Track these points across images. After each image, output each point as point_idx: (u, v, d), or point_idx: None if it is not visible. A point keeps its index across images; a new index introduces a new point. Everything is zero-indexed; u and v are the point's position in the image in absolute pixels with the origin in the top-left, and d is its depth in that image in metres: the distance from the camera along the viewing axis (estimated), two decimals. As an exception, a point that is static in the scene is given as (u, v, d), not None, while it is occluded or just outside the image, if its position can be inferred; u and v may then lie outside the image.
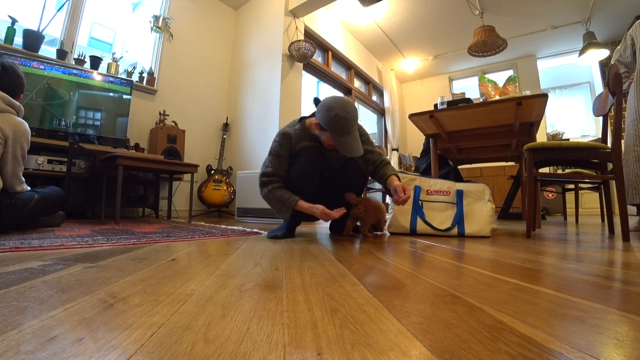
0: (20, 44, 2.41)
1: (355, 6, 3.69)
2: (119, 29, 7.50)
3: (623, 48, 2.02)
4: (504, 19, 4.05)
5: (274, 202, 1.43)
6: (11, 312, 0.41)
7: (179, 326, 0.38)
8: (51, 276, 0.62)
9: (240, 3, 3.95)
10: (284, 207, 1.40)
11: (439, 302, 0.49)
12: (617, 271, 0.75)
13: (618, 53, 2.06)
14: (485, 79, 2.45)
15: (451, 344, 0.34)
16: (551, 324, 0.40)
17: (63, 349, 0.31)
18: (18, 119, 1.46)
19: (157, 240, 1.22)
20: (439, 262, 0.85)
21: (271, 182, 1.45)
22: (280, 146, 1.45)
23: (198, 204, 3.34)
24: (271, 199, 1.44)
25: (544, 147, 1.52)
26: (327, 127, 1.33)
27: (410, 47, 4.90)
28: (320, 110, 1.35)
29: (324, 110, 1.32)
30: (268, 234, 1.45)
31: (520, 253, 1.01)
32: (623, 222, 1.40)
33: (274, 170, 1.45)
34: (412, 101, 6.03)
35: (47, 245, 1.00)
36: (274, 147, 1.47)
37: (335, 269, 0.74)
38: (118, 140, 2.65)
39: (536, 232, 1.79)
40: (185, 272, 0.68)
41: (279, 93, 3.22)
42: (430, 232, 1.58)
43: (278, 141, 1.46)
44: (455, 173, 2.92)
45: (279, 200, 1.41)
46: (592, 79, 5.04)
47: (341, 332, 0.37)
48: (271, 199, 1.44)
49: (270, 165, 1.46)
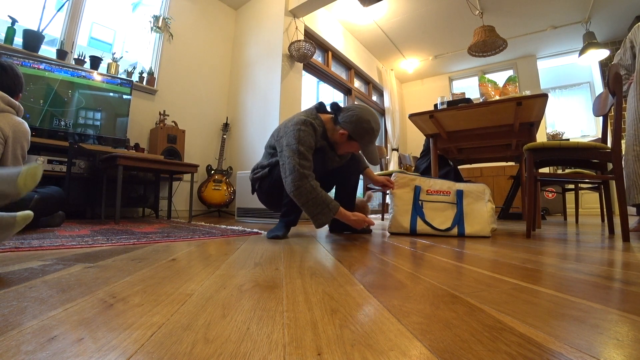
0: (20, 44, 2.41)
1: (355, 6, 3.69)
2: (119, 29, 7.51)
3: (623, 51, 2.07)
4: (504, 19, 4.05)
5: (315, 201, 1.25)
6: (11, 312, 0.41)
7: (179, 326, 0.38)
8: (51, 276, 0.62)
9: (240, 3, 3.95)
10: (327, 209, 1.26)
11: (439, 302, 0.49)
12: (617, 271, 0.75)
13: (619, 56, 2.11)
14: (485, 79, 2.45)
15: (451, 344, 0.34)
16: (551, 324, 0.40)
17: (63, 349, 0.31)
18: (18, 118, 1.46)
19: (157, 240, 1.22)
20: (439, 262, 0.85)
21: (312, 176, 1.27)
22: (310, 138, 1.33)
23: (198, 204, 3.34)
24: (314, 197, 1.24)
25: (544, 147, 1.52)
26: (358, 137, 1.36)
27: (410, 47, 4.90)
28: (351, 121, 1.36)
29: (357, 122, 1.35)
30: (268, 234, 1.44)
31: (520, 253, 1.01)
32: (623, 222, 1.40)
33: (310, 164, 1.29)
34: (412, 101, 6.03)
35: (47, 245, 1.00)
36: (303, 138, 1.30)
37: (335, 269, 0.74)
38: (118, 141, 2.65)
39: (536, 232, 1.79)
40: (185, 272, 0.68)
41: (279, 93, 3.22)
42: (430, 232, 1.58)
43: (307, 132, 1.32)
44: (455, 173, 2.92)
45: (323, 201, 1.25)
46: (592, 79, 5.04)
47: (341, 332, 0.37)
48: (314, 197, 1.24)
49: (305, 158, 1.28)
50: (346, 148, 1.44)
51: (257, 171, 1.55)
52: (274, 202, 1.57)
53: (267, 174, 1.50)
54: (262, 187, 1.54)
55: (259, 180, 1.54)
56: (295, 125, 1.33)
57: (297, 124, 1.33)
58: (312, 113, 1.43)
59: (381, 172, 3.02)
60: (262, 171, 1.52)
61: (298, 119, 1.36)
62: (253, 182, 1.59)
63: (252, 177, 1.58)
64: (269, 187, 1.50)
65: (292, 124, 1.35)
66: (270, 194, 1.52)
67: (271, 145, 1.53)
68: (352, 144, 1.41)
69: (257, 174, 1.54)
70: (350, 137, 1.38)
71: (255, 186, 1.58)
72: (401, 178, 1.70)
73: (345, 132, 1.37)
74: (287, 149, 1.31)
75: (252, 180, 1.59)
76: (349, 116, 1.37)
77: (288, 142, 1.32)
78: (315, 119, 1.40)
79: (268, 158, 1.54)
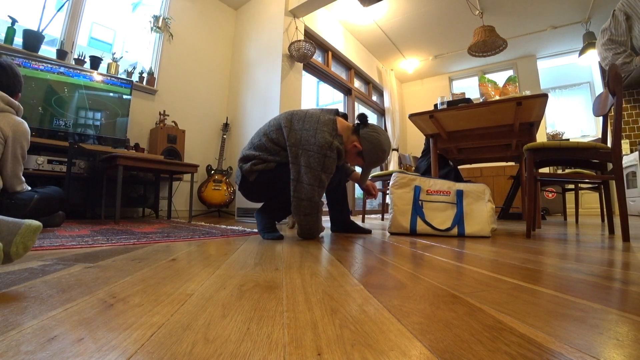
0: (20, 44, 2.41)
1: (355, 6, 3.69)
2: (119, 29, 7.51)
3: (614, 25, 1.88)
4: (504, 19, 4.05)
5: (313, 223, 1.36)
6: (11, 312, 0.41)
7: (179, 326, 0.38)
8: (51, 276, 0.62)
9: (240, 3, 3.95)
10: (316, 232, 1.39)
11: (439, 302, 0.49)
12: (617, 271, 0.75)
13: (608, 32, 1.91)
14: (485, 79, 2.45)
15: (451, 344, 0.34)
16: (551, 324, 0.40)
17: (63, 349, 0.31)
18: (17, 118, 1.46)
19: (157, 240, 1.22)
20: (439, 262, 0.85)
21: (322, 204, 1.37)
22: (334, 165, 1.35)
23: (198, 204, 3.34)
24: (312, 224, 1.36)
25: (544, 147, 1.52)
26: (367, 158, 1.45)
27: (410, 47, 4.91)
28: (371, 141, 1.42)
29: (376, 145, 1.43)
30: (265, 236, 1.42)
31: (520, 253, 1.01)
32: (623, 222, 1.40)
33: (325, 188, 1.36)
34: (412, 101, 6.03)
35: (47, 245, 1.00)
36: (328, 166, 1.31)
37: (335, 269, 0.74)
38: (118, 141, 2.65)
39: (536, 232, 1.79)
40: (185, 272, 0.68)
41: (278, 93, 3.22)
42: (430, 232, 1.58)
43: (333, 159, 1.32)
44: (456, 173, 2.92)
45: (316, 229, 1.38)
46: (592, 79, 5.04)
47: (341, 332, 0.37)
48: (312, 224, 1.36)
49: (323, 186, 1.34)
50: (350, 158, 1.50)
51: (254, 162, 1.42)
52: (264, 197, 1.51)
53: (273, 168, 1.40)
54: (260, 179, 1.43)
55: (258, 173, 1.42)
56: (321, 148, 1.29)
57: (324, 147, 1.29)
58: (333, 125, 1.37)
59: (381, 172, 3.02)
60: (263, 164, 1.41)
61: (324, 139, 1.30)
62: (248, 173, 1.42)
63: (250, 168, 1.41)
64: (270, 181, 1.42)
65: (316, 144, 1.30)
66: (268, 188, 1.45)
67: (274, 141, 1.40)
68: (357, 159, 1.49)
69: (256, 164, 1.41)
70: (361, 153, 1.45)
71: (250, 178, 1.43)
72: (401, 178, 1.70)
73: (360, 148, 1.43)
74: (309, 171, 1.29)
75: (248, 171, 1.42)
76: (371, 136, 1.42)
77: (310, 163, 1.29)
78: (337, 136, 1.37)
79: (271, 153, 1.41)
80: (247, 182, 1.46)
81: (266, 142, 1.41)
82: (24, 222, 0.58)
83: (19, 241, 0.55)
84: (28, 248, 0.57)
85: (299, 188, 1.31)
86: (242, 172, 1.45)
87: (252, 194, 1.52)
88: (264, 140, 1.42)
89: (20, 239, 0.56)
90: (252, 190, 1.49)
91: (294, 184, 1.32)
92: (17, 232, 0.56)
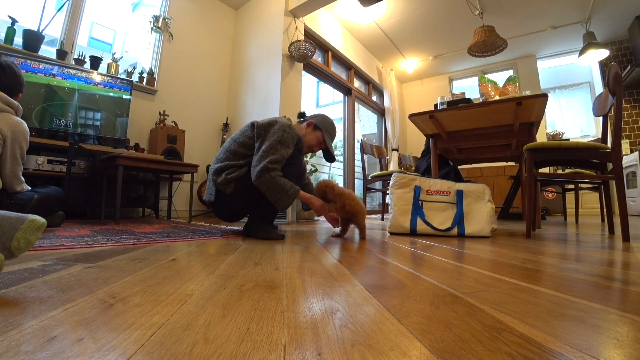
0: (20, 44, 2.41)
1: (355, 6, 3.69)
2: (119, 29, 7.51)
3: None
4: (504, 19, 4.05)
5: (275, 189, 1.36)
6: (11, 312, 0.41)
7: (179, 326, 0.38)
8: (51, 276, 0.62)
9: (240, 3, 3.95)
10: (286, 195, 1.36)
11: (439, 302, 0.49)
12: (617, 271, 0.75)
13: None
14: (485, 79, 2.45)
15: (451, 344, 0.34)
16: (551, 324, 0.40)
17: (63, 349, 0.31)
18: (17, 118, 1.45)
19: (157, 240, 1.22)
20: (439, 262, 0.85)
21: (276, 169, 1.38)
22: (291, 140, 1.45)
23: (198, 204, 3.34)
24: (273, 185, 1.35)
25: (544, 147, 1.52)
26: (323, 127, 1.63)
27: (410, 47, 4.90)
28: (316, 115, 1.66)
29: (322, 116, 1.66)
30: (260, 236, 1.42)
31: (520, 253, 1.01)
32: (623, 222, 1.40)
33: (281, 159, 1.40)
34: (412, 101, 6.03)
35: (47, 246, 1.00)
36: (285, 138, 1.42)
37: (335, 269, 0.74)
38: (118, 141, 2.64)
39: (536, 232, 1.79)
40: (185, 272, 0.68)
41: (278, 93, 3.22)
42: (430, 232, 1.58)
43: (290, 134, 1.44)
44: (456, 173, 2.92)
45: (282, 188, 1.36)
46: (592, 79, 5.04)
47: (341, 332, 0.37)
48: (273, 185, 1.35)
49: (278, 154, 1.39)
50: (311, 137, 1.63)
51: (227, 172, 1.45)
52: (245, 207, 1.51)
53: (246, 173, 1.44)
54: (238, 188, 1.45)
55: (235, 183, 1.44)
56: (281, 126, 1.45)
57: (284, 126, 1.45)
58: (287, 121, 1.52)
59: (381, 172, 3.02)
60: (236, 172, 1.45)
61: (283, 122, 1.47)
62: (224, 185, 1.43)
63: (224, 179, 1.43)
64: (250, 188, 1.43)
65: (279, 127, 1.45)
66: (250, 194, 1.45)
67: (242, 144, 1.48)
68: (316, 133, 1.62)
69: (229, 174, 1.44)
70: (316, 126, 1.62)
71: (227, 190, 1.44)
72: (401, 178, 1.70)
73: (312, 122, 1.63)
74: (267, 145, 1.41)
75: (223, 183, 1.43)
76: (313, 115, 1.69)
77: (269, 140, 1.43)
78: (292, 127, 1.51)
79: (241, 157, 1.48)
80: (223, 197, 1.46)
81: (236, 147, 1.49)
82: (28, 217, 0.58)
83: (21, 236, 0.55)
84: (31, 243, 0.57)
85: (253, 167, 1.39)
86: (217, 185, 1.44)
87: (230, 209, 1.51)
88: (233, 147, 1.50)
89: (22, 234, 0.55)
90: (230, 204, 1.48)
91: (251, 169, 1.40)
92: (20, 227, 0.56)
